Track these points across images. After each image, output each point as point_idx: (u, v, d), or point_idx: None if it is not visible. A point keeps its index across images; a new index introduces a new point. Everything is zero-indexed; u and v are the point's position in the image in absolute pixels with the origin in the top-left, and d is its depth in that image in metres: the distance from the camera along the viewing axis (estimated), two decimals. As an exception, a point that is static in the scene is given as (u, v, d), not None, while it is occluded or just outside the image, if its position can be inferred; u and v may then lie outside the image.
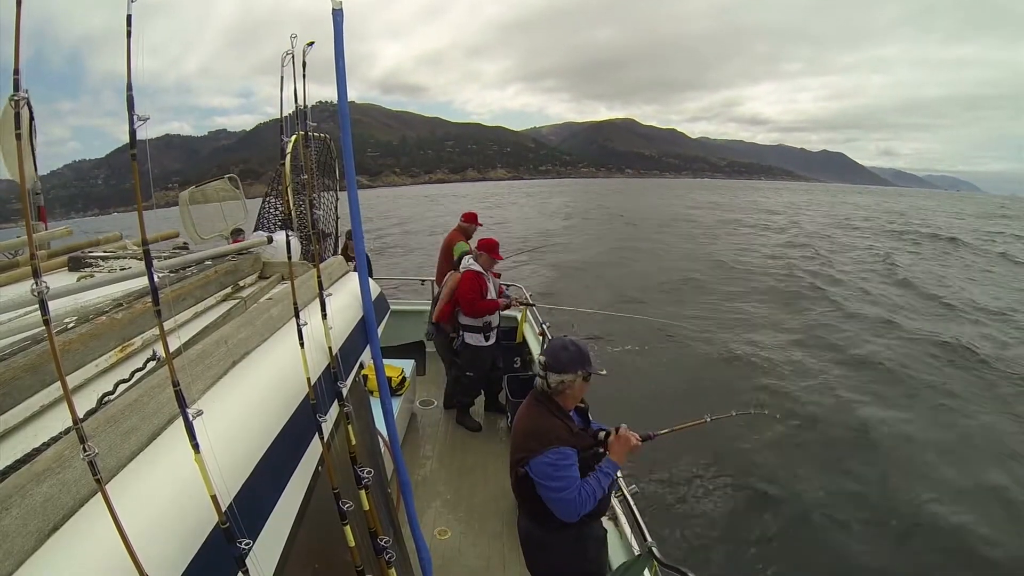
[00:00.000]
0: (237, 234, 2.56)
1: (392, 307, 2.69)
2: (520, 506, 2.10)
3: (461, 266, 4.20)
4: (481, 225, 5.23)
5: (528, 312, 4.99)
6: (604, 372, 1.98)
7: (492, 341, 4.21)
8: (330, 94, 1.37)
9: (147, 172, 0.68)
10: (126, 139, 0.67)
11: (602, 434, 2.04)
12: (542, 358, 1.97)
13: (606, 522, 2.36)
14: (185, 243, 2.41)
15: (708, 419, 2.32)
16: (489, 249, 4.11)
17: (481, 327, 4.13)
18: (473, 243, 4.73)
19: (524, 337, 4.94)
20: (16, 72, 0.65)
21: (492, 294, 4.15)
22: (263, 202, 2.33)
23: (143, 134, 0.68)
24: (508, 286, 5.92)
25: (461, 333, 4.18)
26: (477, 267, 4.09)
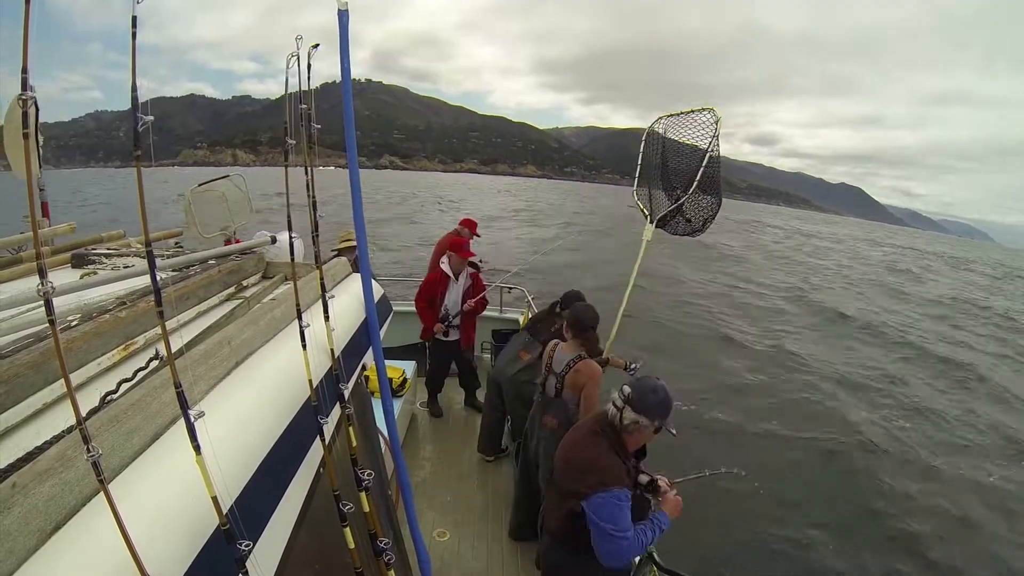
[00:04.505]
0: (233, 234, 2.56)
1: (394, 308, 2.69)
2: (552, 535, 2.03)
3: (439, 265, 4.32)
4: (479, 235, 5.08)
5: (531, 312, 5.01)
6: (675, 432, 1.89)
7: (452, 338, 4.34)
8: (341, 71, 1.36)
9: (151, 165, 0.68)
10: (152, 93, 0.67)
11: (644, 478, 1.97)
12: (626, 389, 1.86)
13: None
14: (178, 242, 2.41)
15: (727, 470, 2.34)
16: (456, 249, 4.20)
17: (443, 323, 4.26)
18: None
19: None
20: (24, 71, 0.65)
21: (454, 296, 4.25)
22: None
23: (147, 138, 0.68)
24: (511, 289, 5.93)
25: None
26: (446, 268, 4.19)
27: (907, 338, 12.76)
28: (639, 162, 3.60)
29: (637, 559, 2.28)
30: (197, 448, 0.66)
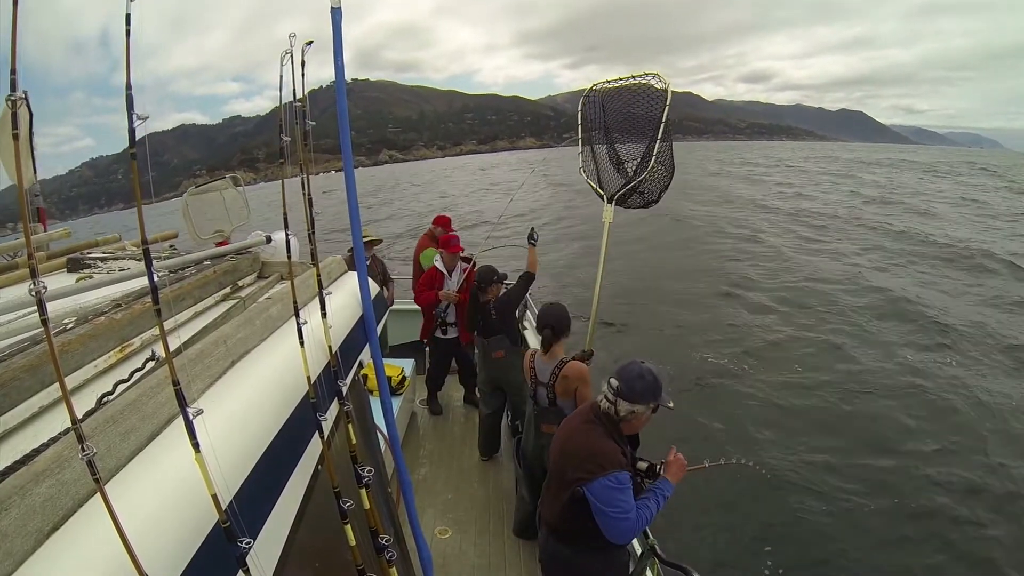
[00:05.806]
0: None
1: (392, 306, 2.69)
2: (550, 526, 2.04)
3: (433, 263, 4.39)
4: (454, 231, 4.93)
5: (528, 309, 5.01)
6: (672, 405, 1.89)
7: (450, 336, 4.38)
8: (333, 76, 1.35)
9: (147, 170, 0.68)
10: (143, 130, 0.67)
11: (643, 465, 1.98)
12: (614, 382, 1.86)
13: None
14: (172, 244, 2.41)
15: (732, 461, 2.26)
16: (445, 246, 4.27)
17: (437, 322, 4.33)
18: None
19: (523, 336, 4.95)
20: (13, 72, 0.65)
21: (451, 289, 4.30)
22: None
23: (142, 135, 0.68)
24: (507, 287, 5.91)
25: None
26: (439, 265, 4.26)
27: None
28: (579, 137, 3.43)
29: (639, 551, 2.29)
30: (196, 446, 0.66)
